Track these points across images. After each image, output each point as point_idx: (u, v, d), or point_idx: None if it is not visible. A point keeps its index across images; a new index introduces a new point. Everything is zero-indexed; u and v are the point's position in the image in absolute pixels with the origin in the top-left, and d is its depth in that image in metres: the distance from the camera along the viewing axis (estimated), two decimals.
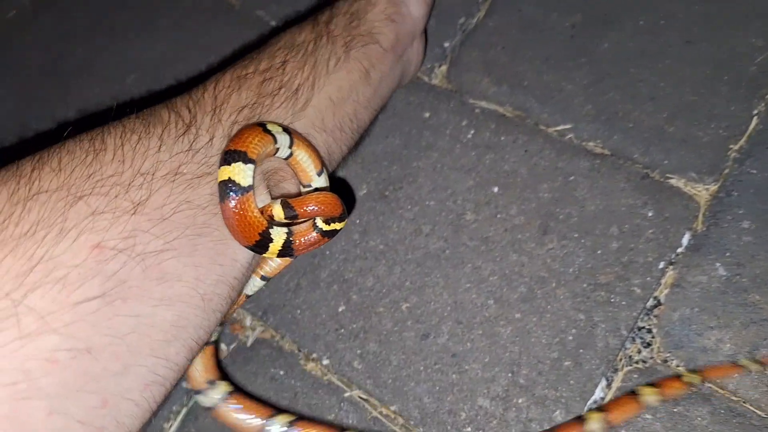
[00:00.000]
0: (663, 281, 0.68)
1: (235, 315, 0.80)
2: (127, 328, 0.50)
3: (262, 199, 0.58)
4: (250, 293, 0.68)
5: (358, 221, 0.80)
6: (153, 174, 0.53)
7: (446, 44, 0.90)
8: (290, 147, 0.58)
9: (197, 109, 0.57)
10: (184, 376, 0.59)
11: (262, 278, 0.66)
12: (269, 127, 0.56)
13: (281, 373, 0.74)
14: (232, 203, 0.53)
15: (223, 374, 0.74)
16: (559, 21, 0.86)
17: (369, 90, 0.71)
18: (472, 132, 0.82)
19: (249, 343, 0.77)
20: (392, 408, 0.70)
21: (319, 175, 0.62)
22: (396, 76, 0.77)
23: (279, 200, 0.57)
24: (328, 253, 0.79)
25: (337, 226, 0.60)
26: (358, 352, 0.73)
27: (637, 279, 0.69)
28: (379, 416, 0.70)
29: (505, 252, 0.74)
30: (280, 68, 0.63)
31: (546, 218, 0.75)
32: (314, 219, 0.60)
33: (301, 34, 0.67)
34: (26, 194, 0.48)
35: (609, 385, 0.66)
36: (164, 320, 0.52)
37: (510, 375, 0.68)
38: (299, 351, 0.75)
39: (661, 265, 0.69)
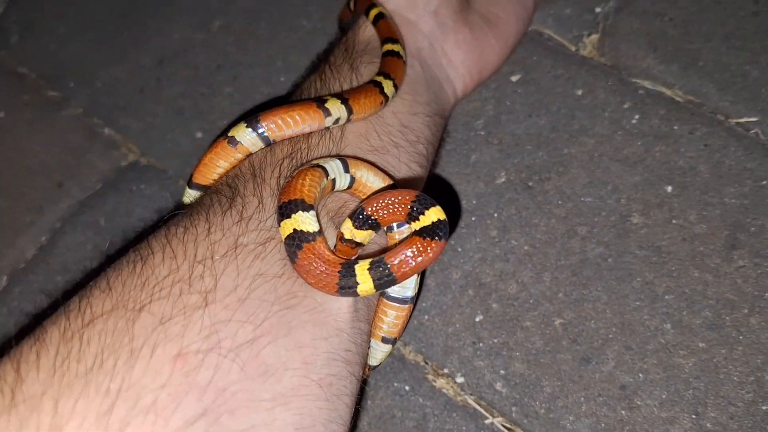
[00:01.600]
0: None
1: None
2: None
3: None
4: (375, 363, 0.56)
5: (496, 215, 0.68)
6: (212, 258, 0.45)
7: (598, 9, 0.77)
8: (347, 172, 0.50)
9: (237, 182, 0.52)
10: None
11: (384, 340, 0.54)
12: (316, 161, 0.49)
13: (407, 388, 0.62)
14: (302, 254, 0.44)
15: None
16: None
17: (406, 96, 0.61)
18: (638, 117, 0.69)
19: None
20: None
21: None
22: (433, 76, 0.65)
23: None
24: (460, 250, 0.67)
25: (433, 215, 0.47)
26: (502, 372, 0.61)
27: None
28: None
29: (684, 266, 0.62)
30: None
31: (734, 229, 0.62)
32: (399, 225, 0.50)
33: (309, 82, 0.61)
34: (79, 326, 0.42)
35: None
36: (285, 424, 0.43)
37: (694, 417, 0.57)
38: (426, 363, 0.63)
39: None
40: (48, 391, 0.39)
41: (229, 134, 0.53)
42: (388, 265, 0.45)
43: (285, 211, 0.46)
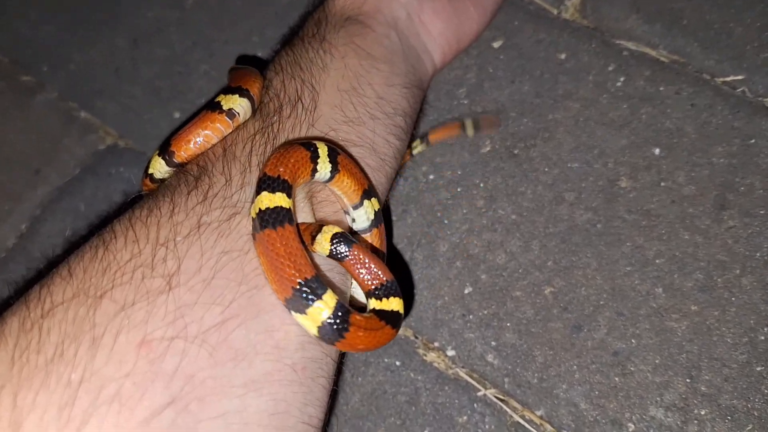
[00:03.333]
0: None
1: None
2: None
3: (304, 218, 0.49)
4: None
5: (482, 184, 0.66)
6: (174, 239, 0.43)
7: None
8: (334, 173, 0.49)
9: (206, 161, 0.50)
10: None
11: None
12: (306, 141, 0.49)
13: (397, 363, 0.62)
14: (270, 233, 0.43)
15: None
16: None
17: (382, 66, 0.59)
18: (622, 79, 0.68)
19: None
20: (538, 413, 0.58)
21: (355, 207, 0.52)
22: (410, 46, 0.63)
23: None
24: (446, 222, 0.66)
25: (394, 305, 0.48)
26: (493, 343, 0.60)
27: None
28: (521, 421, 0.57)
29: (674, 229, 0.61)
30: (270, 89, 0.55)
31: (723, 189, 0.61)
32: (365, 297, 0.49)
33: (278, 58, 0.59)
34: (39, 315, 0.40)
35: None
36: (259, 410, 0.42)
37: (688, 380, 0.56)
38: (416, 337, 0.62)
39: None
40: (6, 385, 0.38)
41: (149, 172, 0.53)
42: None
43: (266, 185, 0.45)
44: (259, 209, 0.44)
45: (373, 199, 0.52)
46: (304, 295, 0.42)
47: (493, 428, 0.58)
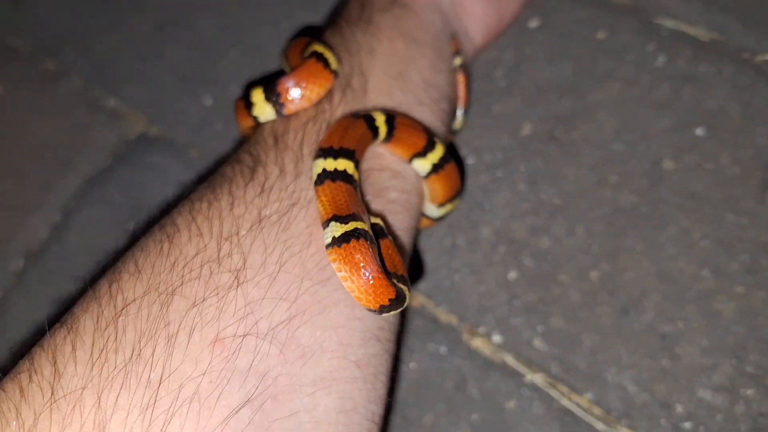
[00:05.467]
0: None
1: None
2: None
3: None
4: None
5: (523, 168, 0.66)
6: (237, 233, 0.44)
7: None
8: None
9: (259, 150, 0.50)
10: None
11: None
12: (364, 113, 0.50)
13: (443, 349, 0.62)
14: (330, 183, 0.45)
15: None
16: None
17: (428, 52, 0.58)
18: (663, 59, 0.67)
19: None
20: (587, 396, 0.58)
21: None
22: (452, 30, 0.63)
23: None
24: (487, 207, 0.66)
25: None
26: (539, 329, 0.61)
27: None
28: (570, 405, 0.58)
29: (719, 211, 0.61)
30: None
31: (767, 170, 0.61)
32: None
33: (326, 40, 0.58)
34: (114, 313, 0.41)
35: None
36: (328, 409, 0.42)
37: (735, 361, 0.57)
38: (460, 323, 0.63)
39: None
40: (88, 386, 0.38)
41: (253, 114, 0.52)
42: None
43: (325, 153, 0.46)
44: (324, 169, 0.45)
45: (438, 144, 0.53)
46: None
47: (542, 413, 0.59)
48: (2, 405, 0.38)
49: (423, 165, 0.52)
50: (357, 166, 0.47)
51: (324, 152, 0.46)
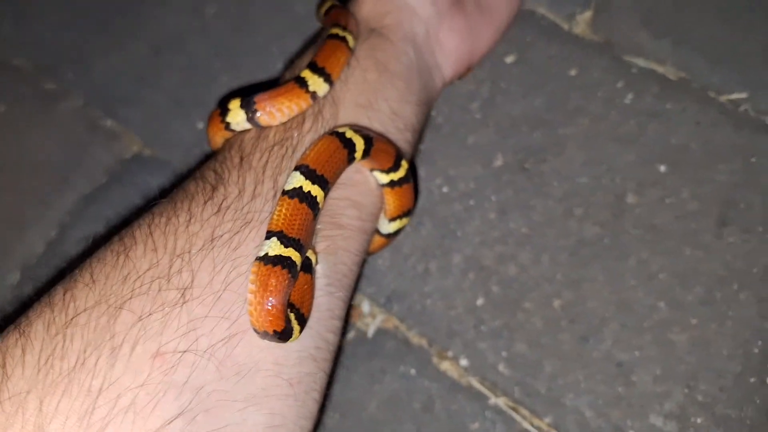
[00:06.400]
0: None
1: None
2: None
3: None
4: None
5: (494, 198, 0.70)
6: (189, 251, 0.46)
7: None
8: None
9: (223, 168, 0.52)
10: None
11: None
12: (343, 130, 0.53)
13: (412, 371, 0.65)
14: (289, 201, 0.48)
15: (344, 368, 0.65)
16: None
17: (398, 83, 0.61)
18: (631, 96, 0.70)
19: (370, 334, 0.68)
20: (546, 420, 0.62)
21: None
22: (425, 63, 0.65)
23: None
24: (459, 234, 0.69)
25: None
26: (504, 354, 0.64)
27: None
28: (530, 428, 0.61)
29: (677, 244, 0.64)
30: None
31: (725, 206, 0.64)
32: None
33: (302, 59, 0.61)
34: (64, 321, 0.43)
35: None
36: (256, 424, 0.45)
37: (686, 390, 0.60)
38: (430, 346, 0.66)
39: None
40: (33, 390, 0.41)
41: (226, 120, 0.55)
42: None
43: (306, 173, 0.49)
44: (300, 186, 0.48)
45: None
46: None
47: None
48: None
49: (382, 178, 0.57)
50: (326, 195, 0.50)
51: (305, 171, 0.49)
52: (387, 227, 0.61)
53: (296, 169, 0.50)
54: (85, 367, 0.41)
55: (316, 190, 0.49)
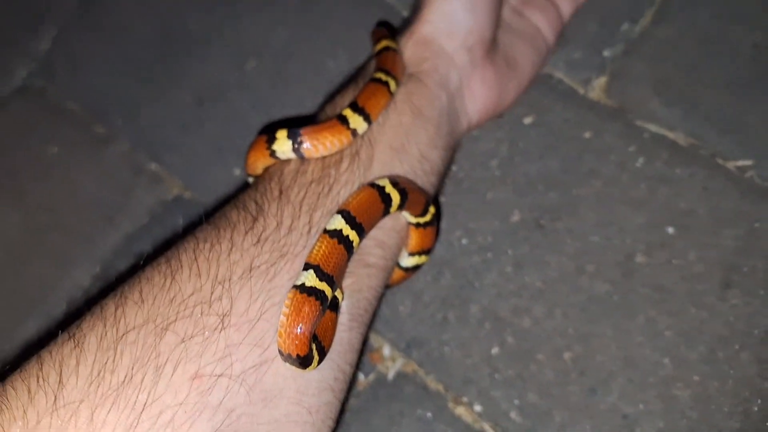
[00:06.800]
0: None
1: (373, 342, 0.75)
2: None
3: None
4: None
5: (510, 252, 0.74)
6: (229, 279, 0.50)
7: (606, 53, 0.81)
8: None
9: (264, 200, 0.56)
10: None
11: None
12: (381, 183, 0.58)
13: (429, 415, 0.70)
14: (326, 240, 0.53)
15: (364, 410, 0.70)
16: (742, 38, 0.77)
17: (429, 128, 0.65)
18: (642, 160, 0.74)
19: (390, 377, 0.73)
20: None
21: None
22: (454, 108, 0.70)
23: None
24: (477, 285, 0.74)
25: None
26: (516, 402, 0.68)
27: None
28: None
29: (683, 304, 0.68)
30: None
31: (729, 270, 0.68)
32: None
33: (343, 98, 0.65)
34: (115, 337, 0.47)
35: None
36: None
37: None
38: (446, 392, 0.70)
39: None
40: (85, 400, 0.45)
41: (272, 147, 0.60)
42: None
43: (347, 218, 0.54)
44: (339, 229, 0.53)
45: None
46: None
47: None
48: (12, 402, 0.45)
49: (410, 218, 0.62)
50: (361, 241, 0.55)
51: (346, 216, 0.54)
52: (407, 261, 0.67)
53: (339, 212, 0.55)
54: (133, 383, 0.45)
55: (353, 236, 0.54)
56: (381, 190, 0.57)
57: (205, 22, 0.97)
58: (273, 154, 0.60)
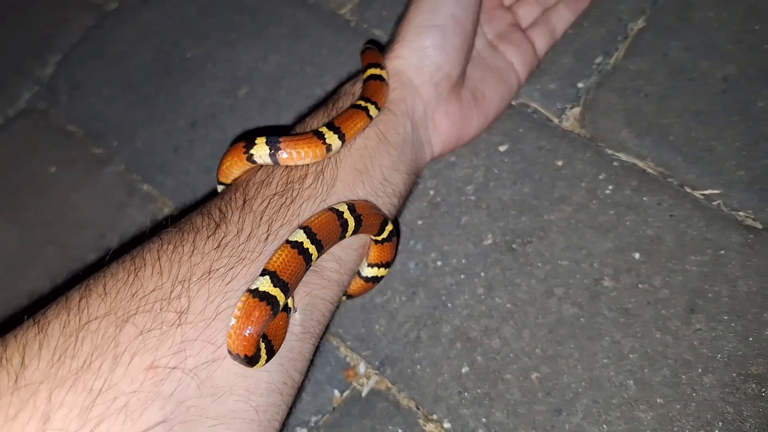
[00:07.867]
0: None
1: (348, 360, 0.77)
2: None
3: None
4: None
5: (483, 274, 0.76)
6: (189, 279, 0.52)
7: (580, 84, 0.84)
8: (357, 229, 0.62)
9: (227, 208, 0.59)
10: None
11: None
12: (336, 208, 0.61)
13: (400, 431, 0.71)
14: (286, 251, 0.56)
15: (338, 425, 0.71)
16: (710, 71, 0.80)
17: (393, 152, 0.69)
18: (611, 188, 0.77)
19: (364, 394, 0.74)
20: None
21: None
22: (418, 138, 0.73)
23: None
24: (450, 306, 0.76)
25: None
26: (483, 420, 0.69)
27: None
28: None
29: (648, 328, 0.69)
30: None
31: (693, 295, 0.70)
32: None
33: (313, 119, 0.69)
34: (77, 325, 0.49)
35: None
36: None
37: None
38: (417, 408, 0.72)
39: None
40: (45, 381, 0.47)
41: (251, 152, 0.63)
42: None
43: (308, 234, 0.56)
44: (300, 241, 0.56)
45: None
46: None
47: None
48: None
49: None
50: (319, 256, 0.58)
51: (308, 231, 0.57)
52: (366, 271, 0.69)
53: (301, 227, 0.58)
54: (91, 369, 0.48)
55: (312, 249, 0.57)
56: (340, 215, 0.60)
57: (201, 49, 1.01)
58: (250, 158, 0.63)
